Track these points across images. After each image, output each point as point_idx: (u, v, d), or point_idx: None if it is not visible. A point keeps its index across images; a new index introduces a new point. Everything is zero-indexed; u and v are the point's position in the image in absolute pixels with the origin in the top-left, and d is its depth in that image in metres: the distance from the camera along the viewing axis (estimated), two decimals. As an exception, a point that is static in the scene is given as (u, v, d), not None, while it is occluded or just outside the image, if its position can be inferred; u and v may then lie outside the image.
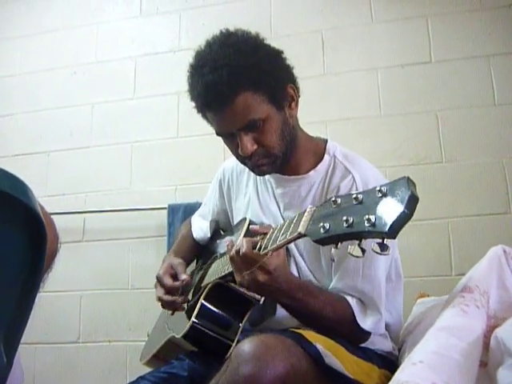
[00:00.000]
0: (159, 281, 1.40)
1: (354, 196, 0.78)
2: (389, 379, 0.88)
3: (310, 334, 1.11)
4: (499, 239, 1.20)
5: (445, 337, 0.91)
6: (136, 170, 2.59)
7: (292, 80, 1.30)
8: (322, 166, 1.33)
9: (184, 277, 1.36)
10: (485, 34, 2.34)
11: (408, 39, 2.42)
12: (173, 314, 1.46)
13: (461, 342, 0.90)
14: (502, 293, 1.05)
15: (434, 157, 2.28)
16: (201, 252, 1.61)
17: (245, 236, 1.13)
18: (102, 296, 2.49)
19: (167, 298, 1.36)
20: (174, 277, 1.38)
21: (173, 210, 2.41)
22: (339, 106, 2.42)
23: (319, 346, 1.06)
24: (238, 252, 1.08)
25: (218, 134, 1.29)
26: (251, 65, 1.18)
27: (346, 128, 2.38)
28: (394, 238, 0.72)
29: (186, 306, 1.37)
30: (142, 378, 1.29)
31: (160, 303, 1.40)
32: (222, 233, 1.59)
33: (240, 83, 1.17)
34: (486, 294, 1.03)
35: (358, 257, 0.77)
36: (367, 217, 0.73)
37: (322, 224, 0.81)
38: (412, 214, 0.71)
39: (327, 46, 2.50)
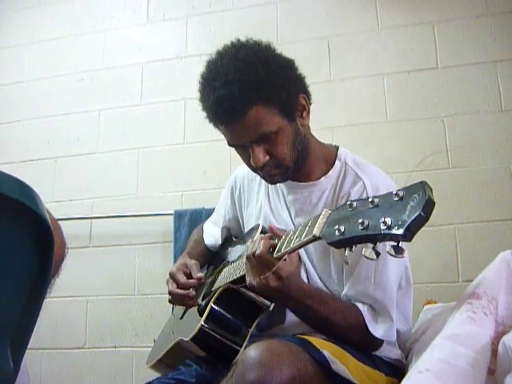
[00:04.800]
0: (172, 276, 1.40)
1: (371, 200, 0.79)
2: (396, 387, 0.88)
3: (316, 341, 1.11)
4: (507, 245, 1.19)
5: (451, 345, 0.90)
6: (142, 175, 2.60)
7: (303, 90, 1.30)
8: (333, 173, 1.33)
9: (199, 275, 1.37)
10: (491, 39, 2.34)
11: (414, 45, 2.42)
12: (182, 317, 1.47)
13: (468, 350, 0.89)
14: (510, 299, 1.04)
15: (440, 163, 2.27)
16: (212, 258, 1.61)
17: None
18: (109, 302, 2.49)
19: (179, 291, 1.36)
20: (188, 275, 1.39)
21: (179, 215, 2.42)
22: (345, 112, 2.42)
23: (326, 353, 1.06)
24: (253, 253, 1.08)
25: (229, 145, 1.29)
26: (262, 79, 1.18)
27: (352, 134, 2.38)
28: (410, 240, 0.72)
29: (199, 299, 1.37)
30: (149, 384, 1.29)
31: (170, 297, 1.41)
32: (233, 239, 1.59)
33: (251, 98, 1.17)
34: (494, 301, 1.02)
35: (372, 259, 0.76)
36: (383, 219, 0.73)
37: (337, 227, 0.81)
38: (428, 218, 0.71)
39: (333, 52, 2.50)
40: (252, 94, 1.17)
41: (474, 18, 2.38)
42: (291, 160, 1.26)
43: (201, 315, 1.28)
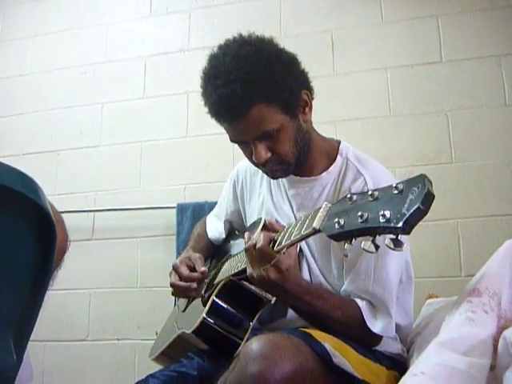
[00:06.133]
0: (175, 269, 1.40)
1: (370, 193, 0.79)
2: (397, 380, 0.88)
3: (318, 334, 1.11)
4: (509, 240, 1.19)
5: (447, 353, 0.90)
6: (145, 169, 2.60)
7: (306, 86, 1.29)
8: (334, 168, 1.33)
9: (203, 269, 1.37)
10: (495, 33, 2.33)
11: (418, 39, 2.41)
12: (184, 310, 1.47)
13: (463, 356, 0.88)
14: (513, 292, 1.04)
15: (443, 157, 2.26)
16: (215, 252, 1.62)
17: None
18: (111, 294, 2.50)
19: (181, 283, 1.36)
20: (191, 268, 1.39)
21: (182, 209, 2.42)
22: (348, 106, 2.41)
23: (328, 346, 1.06)
24: (254, 246, 1.09)
25: (231, 141, 1.29)
26: (265, 77, 1.17)
27: (355, 128, 2.37)
28: (409, 233, 0.72)
29: (202, 291, 1.37)
30: (151, 376, 1.30)
31: (172, 289, 1.41)
32: (236, 233, 1.60)
33: (253, 96, 1.17)
34: (496, 296, 1.02)
35: (371, 252, 0.77)
36: (382, 212, 0.73)
37: (336, 220, 0.81)
38: (427, 211, 0.71)
39: (337, 45, 2.49)
40: (254, 93, 1.17)
41: (478, 11, 2.37)
42: (293, 156, 1.26)
43: (203, 308, 1.29)
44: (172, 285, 1.39)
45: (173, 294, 1.44)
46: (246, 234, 1.19)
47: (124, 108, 2.69)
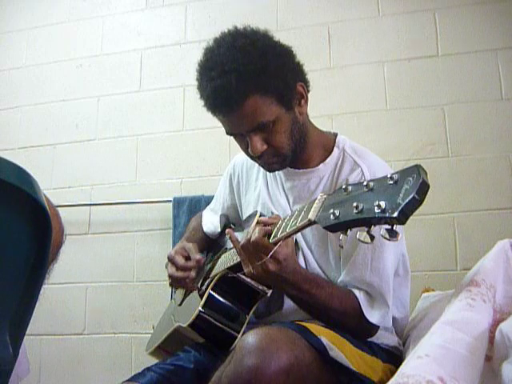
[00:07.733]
0: (171, 260, 1.41)
1: (365, 184, 0.79)
2: (393, 373, 0.88)
3: (314, 327, 1.12)
4: (505, 234, 1.20)
5: (451, 331, 0.91)
6: (141, 162, 2.60)
7: (301, 78, 1.29)
8: (331, 159, 1.33)
9: (198, 257, 1.38)
10: (492, 27, 2.32)
11: (415, 33, 2.41)
12: (181, 304, 1.47)
13: (467, 336, 0.89)
14: (508, 287, 1.05)
15: (440, 151, 2.27)
16: (210, 246, 1.62)
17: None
18: (108, 288, 2.50)
19: (178, 274, 1.37)
20: (186, 258, 1.40)
21: (178, 202, 2.42)
22: (345, 100, 2.41)
23: (324, 339, 1.07)
24: (249, 240, 1.09)
25: (227, 133, 1.29)
26: (259, 69, 1.17)
27: (351, 122, 2.37)
28: (404, 223, 0.72)
29: (198, 285, 1.38)
30: (148, 369, 1.30)
31: (169, 281, 1.42)
32: (232, 227, 1.60)
33: (248, 88, 1.17)
34: (492, 288, 1.03)
35: (366, 243, 0.77)
36: (377, 203, 0.73)
37: (332, 211, 0.81)
38: (422, 201, 0.71)
39: (334, 39, 2.49)
40: (249, 84, 1.17)
41: (476, 5, 2.36)
42: (289, 149, 1.27)
43: (199, 301, 1.29)
44: (170, 276, 1.40)
45: (170, 285, 1.45)
46: (229, 230, 1.20)
47: (120, 101, 2.68)
